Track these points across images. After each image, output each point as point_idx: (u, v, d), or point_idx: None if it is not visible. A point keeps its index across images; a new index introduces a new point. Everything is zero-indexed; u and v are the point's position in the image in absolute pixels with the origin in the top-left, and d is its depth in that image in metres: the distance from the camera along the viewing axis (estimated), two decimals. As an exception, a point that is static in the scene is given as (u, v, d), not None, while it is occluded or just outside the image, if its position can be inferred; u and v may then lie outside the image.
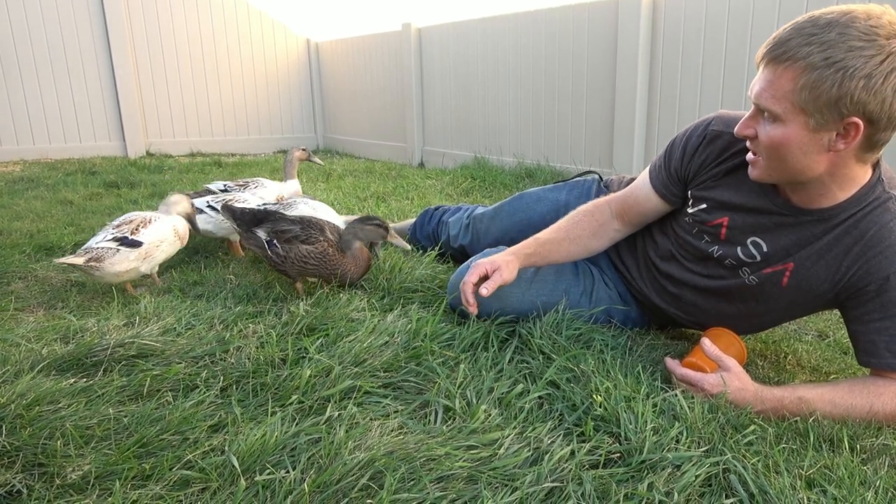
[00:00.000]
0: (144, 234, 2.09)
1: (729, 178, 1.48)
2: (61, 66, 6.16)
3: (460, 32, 5.37)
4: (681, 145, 1.56)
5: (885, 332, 1.34)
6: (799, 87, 1.17)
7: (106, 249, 1.99)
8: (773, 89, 1.21)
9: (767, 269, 1.46)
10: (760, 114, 1.27)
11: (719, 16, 3.44)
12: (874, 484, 1.12)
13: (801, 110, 1.19)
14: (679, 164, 1.56)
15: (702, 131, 1.52)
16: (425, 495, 1.05)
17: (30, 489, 1.07)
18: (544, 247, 1.71)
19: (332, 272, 1.98)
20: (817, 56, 1.14)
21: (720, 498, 1.08)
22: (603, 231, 1.74)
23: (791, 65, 1.17)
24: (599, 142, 4.28)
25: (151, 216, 2.19)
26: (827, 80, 1.13)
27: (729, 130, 1.46)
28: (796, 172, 1.28)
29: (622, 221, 1.74)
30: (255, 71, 7.26)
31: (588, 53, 4.24)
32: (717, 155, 1.49)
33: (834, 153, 1.23)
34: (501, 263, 1.63)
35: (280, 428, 1.22)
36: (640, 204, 1.68)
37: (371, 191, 4.15)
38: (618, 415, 1.26)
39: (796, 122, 1.21)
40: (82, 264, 1.94)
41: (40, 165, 5.69)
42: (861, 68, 1.11)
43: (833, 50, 1.12)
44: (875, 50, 1.11)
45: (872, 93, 1.12)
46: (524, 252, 1.69)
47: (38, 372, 1.44)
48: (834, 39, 1.12)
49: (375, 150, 6.82)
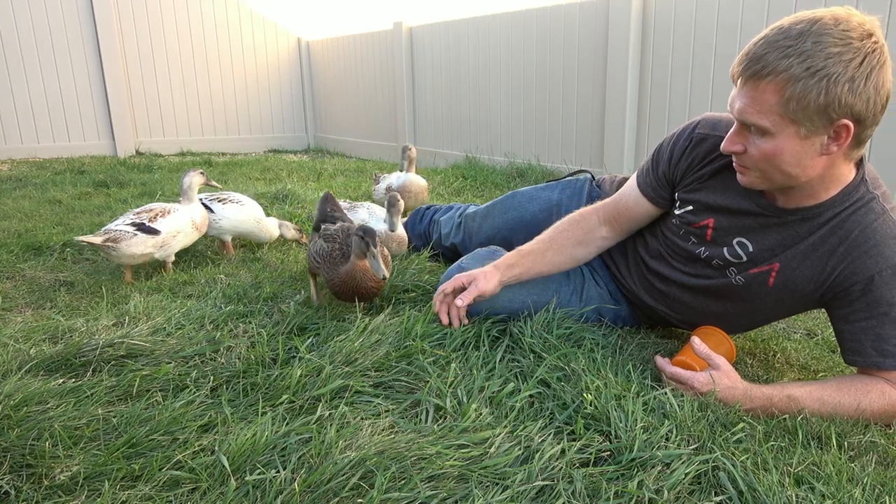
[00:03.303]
0: (162, 223, 2.21)
1: (714, 179, 1.50)
2: (50, 64, 6.11)
3: (452, 32, 5.37)
4: (668, 149, 1.58)
5: (870, 331, 1.36)
6: (785, 100, 1.18)
7: (123, 232, 2.11)
8: (757, 105, 1.22)
9: (754, 269, 1.48)
10: (746, 128, 1.28)
11: (709, 15, 3.46)
12: (861, 481, 1.13)
13: (791, 121, 1.21)
14: (667, 167, 1.58)
15: (688, 135, 1.54)
16: (416, 494, 1.05)
17: (17, 490, 1.06)
18: (527, 258, 1.68)
19: (329, 278, 1.83)
20: (798, 67, 1.16)
21: (709, 495, 1.09)
22: (589, 239, 1.73)
23: (773, 79, 1.19)
24: (590, 141, 4.29)
25: (171, 207, 2.29)
26: (813, 90, 1.16)
27: (715, 133, 1.48)
28: (791, 179, 1.30)
29: (611, 228, 1.73)
30: (246, 70, 7.23)
31: (579, 53, 4.25)
32: (702, 157, 1.51)
33: (827, 156, 1.25)
34: (479, 275, 1.61)
35: (270, 428, 1.21)
36: (630, 209, 1.68)
37: (362, 190, 4.14)
38: (608, 413, 1.27)
39: (786, 132, 1.23)
40: (100, 243, 2.06)
41: (28, 165, 5.64)
42: (843, 73, 1.14)
43: (813, 59, 1.15)
44: (852, 53, 1.14)
45: (857, 94, 1.15)
46: (506, 264, 1.66)
47: (26, 372, 1.43)
48: (811, 49, 1.15)
49: (366, 150, 6.81)
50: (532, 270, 1.69)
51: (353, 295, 1.79)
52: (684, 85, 3.64)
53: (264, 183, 4.54)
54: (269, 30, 7.27)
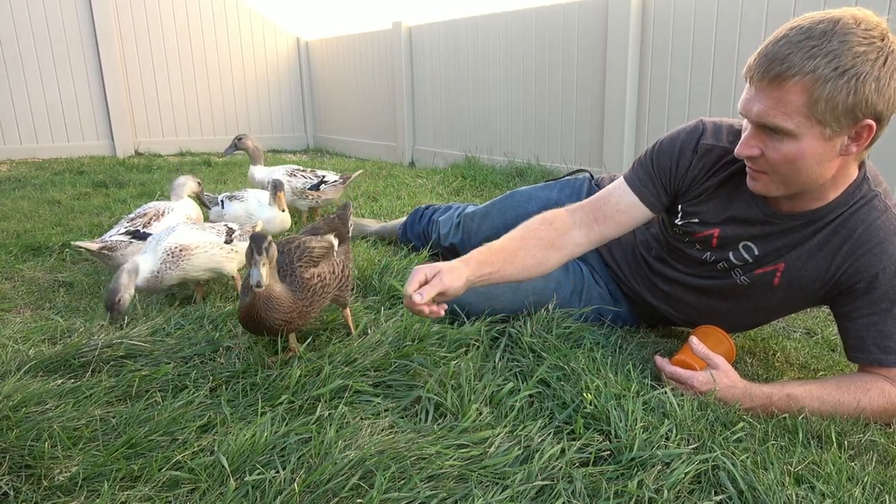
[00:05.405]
0: (156, 227, 2.20)
1: (720, 190, 1.48)
2: (49, 65, 6.11)
3: (451, 31, 5.37)
4: (674, 159, 1.52)
5: (872, 328, 1.36)
6: (813, 101, 1.16)
7: (119, 241, 2.11)
8: (782, 107, 1.19)
9: (759, 269, 1.48)
10: (763, 131, 1.25)
11: (709, 13, 3.46)
12: (862, 480, 1.13)
13: (817, 122, 1.18)
14: (672, 175, 1.53)
15: (693, 146, 1.50)
16: (416, 494, 1.05)
17: (17, 491, 1.06)
18: (498, 256, 1.49)
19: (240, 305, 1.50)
20: (826, 67, 1.14)
21: (709, 495, 1.09)
22: (562, 243, 1.55)
23: (799, 80, 1.16)
24: (589, 140, 4.29)
25: (165, 208, 2.30)
26: (842, 90, 1.14)
27: (720, 144, 1.46)
28: (808, 182, 1.29)
29: (587, 232, 1.57)
30: (245, 70, 7.22)
31: (578, 52, 4.25)
32: (708, 169, 1.49)
33: (843, 156, 1.25)
34: (444, 268, 1.40)
35: (270, 428, 1.21)
36: (622, 212, 1.56)
37: (361, 190, 4.14)
38: (608, 413, 1.27)
39: (811, 134, 1.20)
40: (96, 249, 2.05)
41: (28, 165, 5.64)
42: (870, 72, 1.13)
43: (841, 59, 1.13)
44: (877, 52, 1.14)
45: (881, 94, 1.15)
46: (476, 260, 1.47)
47: (25, 373, 1.43)
48: (838, 48, 1.13)
49: (366, 150, 6.81)
50: (503, 272, 1.50)
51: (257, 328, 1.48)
52: (684, 81, 3.64)
53: (263, 183, 4.53)
54: (268, 29, 7.26)
